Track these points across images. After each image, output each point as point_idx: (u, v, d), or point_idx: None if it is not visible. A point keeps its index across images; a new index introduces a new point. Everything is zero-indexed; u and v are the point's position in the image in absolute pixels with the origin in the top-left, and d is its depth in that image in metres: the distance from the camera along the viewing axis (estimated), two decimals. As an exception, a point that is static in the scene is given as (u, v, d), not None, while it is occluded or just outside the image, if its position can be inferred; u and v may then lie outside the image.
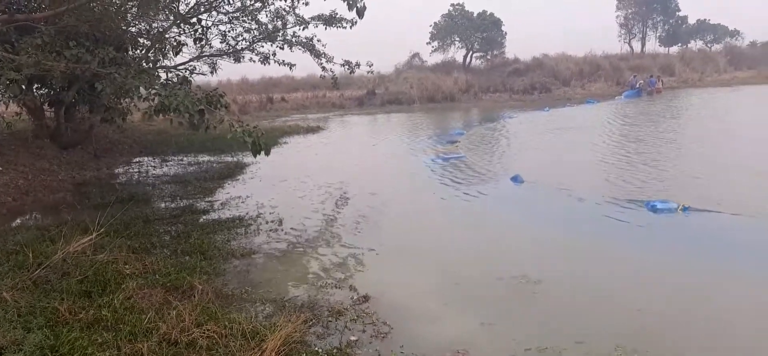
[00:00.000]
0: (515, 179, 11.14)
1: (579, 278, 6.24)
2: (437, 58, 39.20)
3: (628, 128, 18.91)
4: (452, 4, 38.62)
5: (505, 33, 38.57)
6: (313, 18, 14.27)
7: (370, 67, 14.82)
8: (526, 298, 5.65)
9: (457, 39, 38.62)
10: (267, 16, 14.47)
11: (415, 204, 9.93)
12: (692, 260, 6.71)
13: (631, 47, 45.41)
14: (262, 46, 15.01)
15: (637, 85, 30.99)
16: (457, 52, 39.41)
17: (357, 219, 8.78)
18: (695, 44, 46.48)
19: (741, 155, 13.04)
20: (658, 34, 46.42)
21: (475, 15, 38.07)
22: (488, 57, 39.23)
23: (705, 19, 46.45)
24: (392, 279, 6.23)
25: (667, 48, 46.15)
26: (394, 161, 14.74)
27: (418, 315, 5.32)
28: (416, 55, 39.07)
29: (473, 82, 33.38)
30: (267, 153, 7.47)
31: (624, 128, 19.25)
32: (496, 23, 38.06)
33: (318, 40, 14.80)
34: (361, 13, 8.49)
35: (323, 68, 14.97)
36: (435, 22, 39.00)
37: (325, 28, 14.56)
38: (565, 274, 6.35)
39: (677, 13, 45.69)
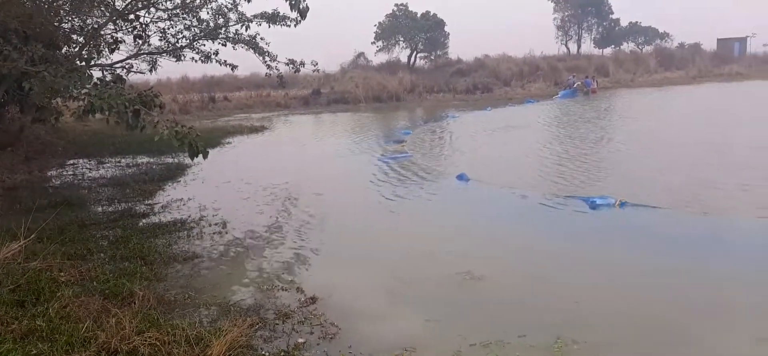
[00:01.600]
0: (461, 177, 11.34)
1: (521, 272, 6.43)
2: (382, 58, 39.44)
3: (567, 127, 19.57)
4: (396, 4, 38.91)
5: (448, 33, 39.22)
6: (256, 16, 14.03)
7: (315, 65, 14.70)
8: (470, 294, 5.77)
9: (402, 39, 38.88)
10: (208, 13, 14.14)
11: (362, 204, 9.96)
12: (627, 253, 7.02)
13: (567, 49, 47.02)
14: (204, 44, 14.65)
15: (575, 86, 32.10)
16: (401, 52, 39.74)
17: (303, 220, 8.73)
18: (628, 46, 48.52)
19: (674, 151, 13.69)
20: (592, 36, 48.18)
21: (418, 15, 38.45)
22: (432, 57, 39.71)
23: (637, 22, 48.57)
24: (340, 279, 6.23)
25: (601, 49, 47.98)
26: (341, 161, 14.72)
27: (365, 314, 5.34)
28: (361, 54, 39.18)
29: (418, 82, 33.71)
30: (204, 156, 7.26)
31: (563, 126, 19.91)
32: (440, 24, 38.57)
33: (261, 39, 14.57)
34: (303, 14, 8.43)
35: (268, 67, 14.74)
36: (379, 22, 39.18)
37: (269, 26, 14.34)
38: (507, 269, 6.52)
39: (610, 16, 47.56)
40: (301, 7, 8.36)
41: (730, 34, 49.42)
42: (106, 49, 12.70)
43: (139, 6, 12.36)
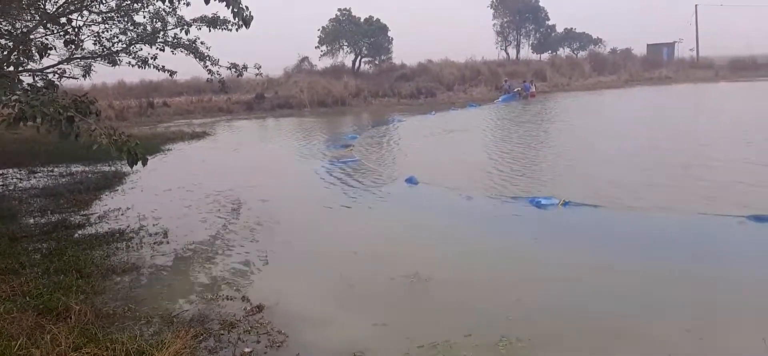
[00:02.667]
0: (410, 180, 11.44)
1: (467, 273, 6.56)
2: (327, 62, 39.22)
3: (510, 130, 20.06)
4: (340, 9, 38.87)
5: (392, 38, 39.47)
6: (195, 20, 13.70)
7: (258, 69, 14.49)
8: (418, 296, 5.85)
9: (346, 44, 38.84)
10: (145, 17, 13.70)
11: (310, 209, 9.90)
12: (570, 250, 7.27)
13: (507, 54, 48.22)
14: (141, 49, 14.18)
15: (515, 90, 32.98)
16: (346, 57, 39.67)
17: (248, 227, 8.60)
18: (563, 51, 50.16)
19: (611, 152, 14.26)
20: (530, 42, 49.61)
21: (362, 20, 38.54)
22: (376, 62, 39.87)
23: (572, 28, 50.34)
24: (287, 286, 6.18)
25: (539, 55, 49.44)
26: (287, 167, 14.58)
27: (313, 320, 5.32)
28: (305, 59, 38.84)
29: (363, 87, 33.76)
30: (144, 163, 7.03)
31: (505, 129, 20.41)
32: (383, 29, 38.77)
33: (202, 43, 14.23)
34: (247, 23, 8.29)
35: (209, 71, 14.42)
36: (323, 27, 39.00)
37: (210, 30, 14.03)
38: (454, 270, 6.64)
39: (547, 23, 49.12)
40: (244, 15, 8.21)
41: (659, 40, 52.00)
42: (36, 54, 12.11)
43: (72, 9, 11.85)
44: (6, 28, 11.63)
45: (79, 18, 12.61)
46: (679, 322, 5.03)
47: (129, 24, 13.63)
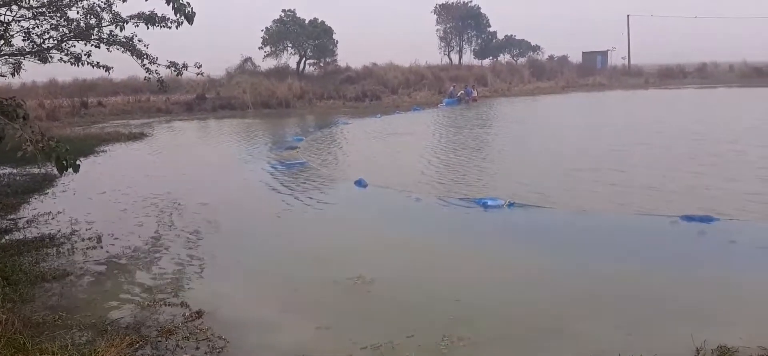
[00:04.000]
0: (359, 182, 11.44)
1: (412, 273, 6.64)
2: (270, 63, 38.63)
3: (455, 133, 20.36)
4: (284, 10, 38.43)
5: (337, 41, 39.34)
6: (132, 17, 13.24)
7: (198, 68, 14.13)
8: (362, 298, 5.87)
9: (290, 45, 38.43)
10: (78, 12, 13.12)
11: (253, 212, 9.76)
12: (513, 250, 7.48)
13: (450, 59, 48.98)
14: (74, 46, 13.56)
15: (459, 95, 33.57)
16: (290, 58, 39.21)
17: (188, 231, 8.39)
18: (504, 57, 51.42)
19: (552, 154, 14.69)
20: (472, 48, 50.58)
21: (306, 22, 38.26)
22: (321, 64, 39.65)
23: (512, 35, 51.65)
24: (228, 291, 6.07)
25: (480, 60, 50.49)
26: (229, 169, 14.30)
27: (255, 325, 5.25)
28: (248, 59, 38.14)
29: (308, 89, 33.50)
30: (76, 170, 6.69)
31: (450, 132, 20.71)
32: (328, 31, 38.60)
33: (139, 40, 13.75)
34: (190, 19, 8.07)
35: (147, 70, 13.94)
36: (267, 27, 38.46)
37: (148, 27, 13.58)
38: (399, 271, 6.70)
39: (488, 29, 50.21)
40: (186, 11, 7.99)
41: (593, 48, 54.08)
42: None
43: (0, 4, 11.23)
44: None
45: (8, 12, 11.97)
46: (611, 319, 5.26)
47: (61, 20, 13.03)
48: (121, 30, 13.15)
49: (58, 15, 12.94)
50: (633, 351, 4.47)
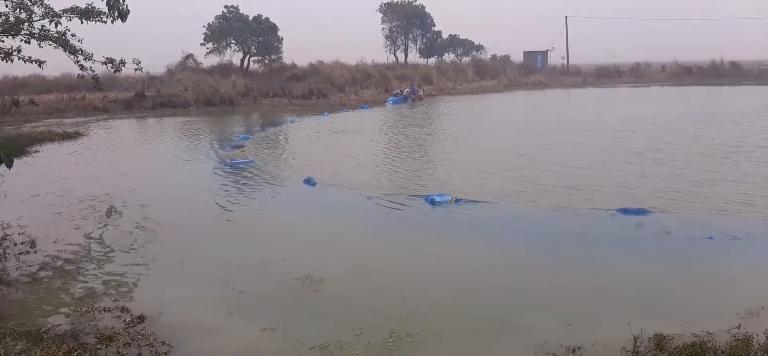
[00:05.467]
0: (308, 181, 11.35)
1: (360, 272, 6.66)
2: (213, 60, 37.75)
3: (402, 130, 20.48)
4: (226, 6, 37.61)
5: (282, 38, 38.88)
6: (65, 11, 12.67)
7: (137, 65, 13.65)
8: (309, 298, 5.85)
9: (234, 42, 37.67)
10: (8, 6, 12.45)
11: (197, 213, 9.54)
12: (459, 245, 7.65)
13: (396, 58, 49.24)
14: (2, 41, 12.87)
15: (405, 93, 33.83)
16: (234, 55, 38.42)
17: (128, 234, 8.13)
18: (449, 57, 52.14)
19: (496, 150, 15.02)
20: (418, 47, 51.05)
21: (250, 18, 37.61)
22: (266, 61, 39.07)
23: (456, 35, 52.48)
24: (171, 294, 5.92)
25: (426, 59, 51.00)
26: (172, 169, 13.92)
27: (200, 329, 5.15)
28: (190, 56, 37.13)
29: (252, 87, 32.95)
30: (9, 165, 6.39)
31: (398, 130, 20.82)
32: (273, 28, 38.07)
33: (73, 35, 13.16)
34: (123, 17, 7.79)
35: (81, 67, 13.37)
36: (209, 23, 37.57)
37: (82, 22, 13.02)
38: (347, 269, 6.71)
39: (433, 28, 50.77)
40: (121, 8, 7.71)
41: (534, 48, 55.61)
42: None
43: None
44: None
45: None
46: (553, 310, 5.43)
47: (-13, 13, 12.33)
48: (55, 25, 12.59)
49: (-16, 8, 12.25)
50: (573, 341, 4.64)
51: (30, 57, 12.99)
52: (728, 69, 46.19)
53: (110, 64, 13.34)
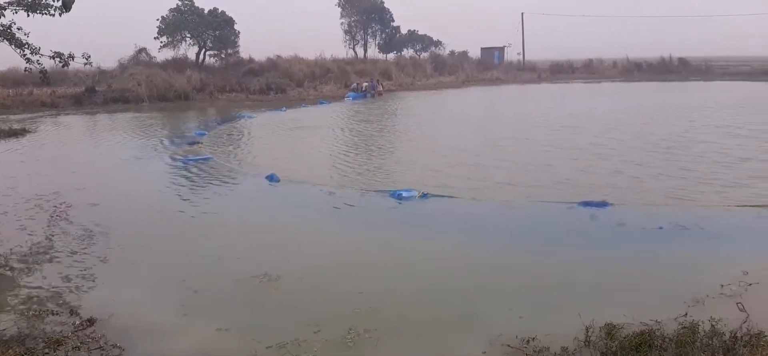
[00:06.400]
0: (271, 177, 11.19)
1: (319, 268, 6.62)
2: (167, 54, 36.82)
3: (364, 126, 20.47)
4: (181, -1, 36.81)
5: (239, 32, 38.25)
6: (10, 3, 12.15)
7: (87, 59, 13.20)
8: (266, 296, 5.79)
9: (189, 35, 36.83)
10: (-53, -3, 11.85)
11: (151, 211, 9.30)
12: (422, 239, 7.72)
13: (355, 52, 49.13)
14: (-59, 34, 12.24)
15: (364, 88, 33.80)
16: (189, 49, 37.56)
17: (77, 235, 7.86)
18: (408, 52, 52.33)
19: (458, 145, 15.11)
20: (377, 42, 51.04)
21: (206, 12, 36.84)
22: (223, 56, 38.36)
23: (415, 30, 52.64)
24: (122, 296, 5.77)
25: (385, 55, 51.05)
26: (126, 167, 13.52)
27: (153, 330, 5.03)
28: (143, 50, 36.13)
29: (208, 81, 32.34)
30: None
31: (359, 125, 20.79)
32: (229, 22, 37.40)
33: (18, 28, 12.63)
34: (67, 6, 7.51)
35: (28, 61, 12.84)
36: (163, 16, 36.61)
37: (28, 15, 12.51)
38: (306, 266, 6.66)
39: (392, 24, 50.87)
40: (64, -1, 7.42)
41: (491, 44, 56.37)
42: None
43: None
44: None
45: None
46: (508, 303, 5.53)
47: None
48: (-1, 17, 12.05)
49: None
50: (528, 332, 4.73)
51: (-29, 50, 12.43)
52: (676, 65, 47.84)
53: (58, 59, 12.88)
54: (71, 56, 13.05)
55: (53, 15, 12.33)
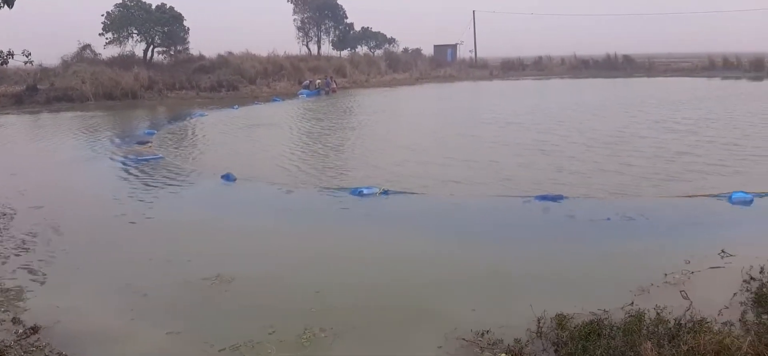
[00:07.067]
0: (227, 177, 10.96)
1: (274, 268, 6.53)
2: (113, 51, 35.60)
3: (319, 123, 20.31)
4: (127, -6, 35.64)
5: (188, 28, 37.35)
6: (-58, -3, 11.50)
7: (27, 57, 12.63)
8: (219, 297, 5.67)
9: (136, 32, 35.73)
10: None
11: (98, 214, 8.97)
12: (379, 236, 7.70)
13: (309, 49, 48.72)
14: None
15: (318, 85, 33.58)
16: (136, 46, 36.45)
17: (18, 240, 7.52)
18: (362, 49, 52.23)
19: (414, 142, 15.17)
20: (331, 39, 50.75)
21: (153, 7, 35.83)
22: (172, 52, 37.39)
23: (368, 27, 52.65)
24: (68, 302, 5.55)
25: (339, 52, 50.83)
26: (70, 168, 13.00)
27: (101, 337, 4.86)
28: (87, 47, 34.84)
29: (157, 79, 31.48)
30: None
31: (314, 123, 20.62)
32: (178, 17, 36.48)
33: (-49, 25, 11.99)
34: (9, 3, 7.20)
35: (-39, 59, 12.21)
36: (108, 12, 35.38)
37: (-38, 11, 11.88)
38: (261, 267, 6.56)
39: (345, 20, 50.70)
40: (6, -5, 7.11)
41: (444, 41, 56.94)
42: None
43: None
44: None
45: None
46: (464, 296, 5.60)
47: None
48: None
49: None
50: (483, 325, 4.79)
51: None
52: (622, 62, 49.44)
53: (-5, 56, 12.28)
54: (11, 54, 12.45)
55: (-10, 9, 11.75)
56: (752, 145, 13.21)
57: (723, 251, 6.46)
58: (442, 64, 51.32)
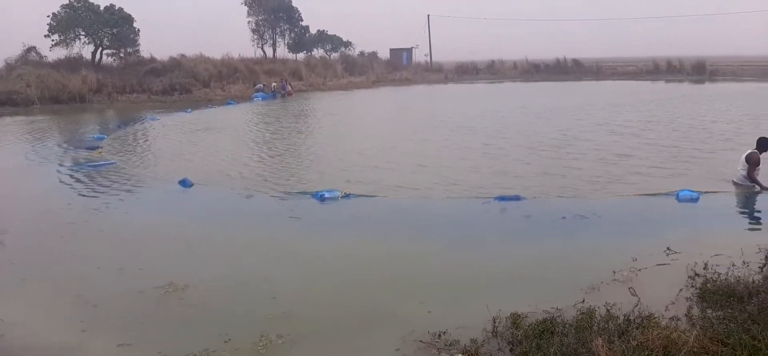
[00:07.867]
0: (184, 182, 10.71)
1: (230, 275, 6.41)
2: (60, 53, 34.37)
3: (275, 127, 20.08)
4: (74, -6, 34.48)
5: (139, 30, 36.42)
6: None
7: (-34, 60, 12.09)
8: (172, 307, 5.54)
9: (83, 33, 34.60)
10: None
11: (44, 222, 8.64)
12: (340, 240, 7.67)
13: (264, 52, 48.20)
14: None
15: (274, 88, 33.26)
16: (84, 48, 35.32)
17: (-43, 250, 7.17)
18: (318, 52, 52.09)
19: (372, 145, 15.18)
20: (286, 42, 50.37)
21: (101, 8, 34.76)
22: (121, 55, 36.36)
23: (324, 30, 52.54)
24: (13, 315, 5.32)
25: (295, 54, 50.49)
26: (14, 174, 12.47)
27: (49, 350, 4.69)
28: (32, 49, 33.55)
29: (106, 82, 30.56)
30: None
31: (270, 126, 20.38)
32: (127, 19, 35.52)
33: None
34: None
35: None
36: (54, 13, 34.15)
37: None
38: (216, 274, 6.43)
39: (301, 23, 50.40)
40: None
41: (399, 45, 57.30)
42: None
43: None
44: None
45: None
46: (421, 299, 5.62)
47: None
48: None
49: None
50: (439, 326, 4.84)
51: None
52: (571, 66, 50.86)
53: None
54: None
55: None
56: (692, 147, 13.74)
57: (668, 248, 6.71)
58: (399, 68, 51.65)
